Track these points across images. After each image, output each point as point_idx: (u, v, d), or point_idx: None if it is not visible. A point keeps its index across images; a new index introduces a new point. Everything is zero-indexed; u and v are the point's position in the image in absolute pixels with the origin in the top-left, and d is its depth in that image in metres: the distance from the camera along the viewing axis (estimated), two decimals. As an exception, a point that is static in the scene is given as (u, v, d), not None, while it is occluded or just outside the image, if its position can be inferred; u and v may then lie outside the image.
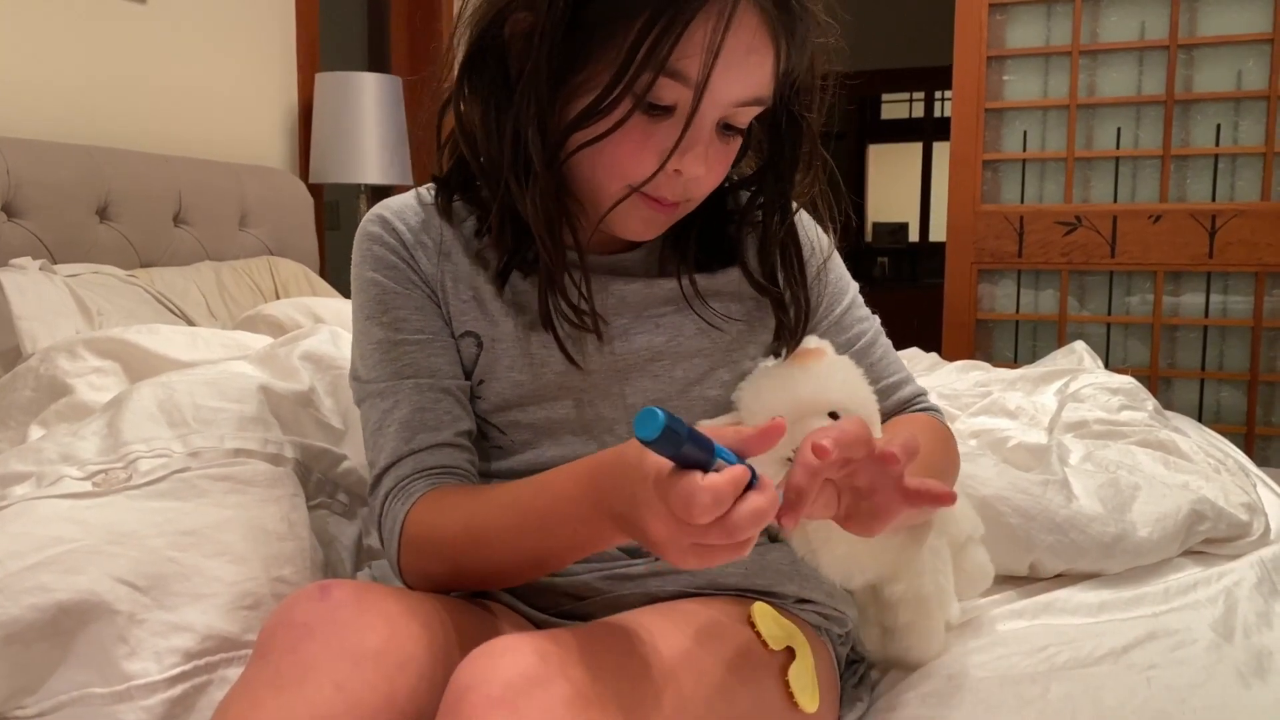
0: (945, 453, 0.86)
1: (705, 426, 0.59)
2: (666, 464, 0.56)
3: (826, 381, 0.80)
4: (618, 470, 0.63)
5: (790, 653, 0.74)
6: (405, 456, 0.78)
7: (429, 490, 0.77)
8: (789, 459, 0.77)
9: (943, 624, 0.87)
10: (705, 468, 0.56)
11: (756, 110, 0.76)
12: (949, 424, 0.92)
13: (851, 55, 0.80)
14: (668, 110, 0.72)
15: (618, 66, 0.70)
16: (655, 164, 0.73)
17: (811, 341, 0.83)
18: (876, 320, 0.93)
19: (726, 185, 0.84)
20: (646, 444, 0.53)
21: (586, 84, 0.72)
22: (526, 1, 0.72)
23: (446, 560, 0.75)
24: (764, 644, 0.73)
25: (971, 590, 0.93)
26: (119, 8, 2.02)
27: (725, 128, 0.76)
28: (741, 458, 0.58)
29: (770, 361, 0.85)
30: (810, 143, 0.82)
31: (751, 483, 0.57)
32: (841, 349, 0.87)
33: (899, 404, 0.91)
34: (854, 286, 0.92)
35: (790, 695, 0.72)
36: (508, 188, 0.76)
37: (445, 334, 0.82)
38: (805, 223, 0.89)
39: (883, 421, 0.86)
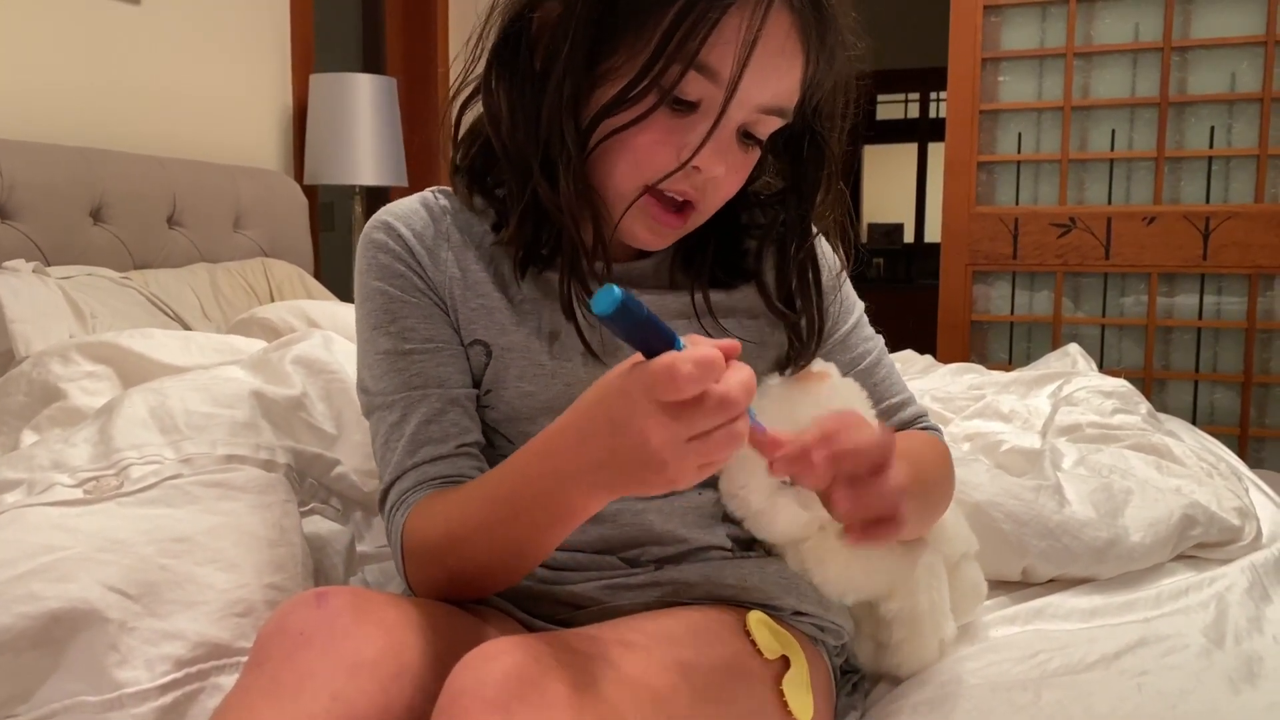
0: (940, 470, 0.85)
1: None
2: (639, 360, 0.56)
3: (826, 405, 0.79)
4: (579, 422, 0.61)
5: (785, 662, 0.74)
6: (409, 470, 0.78)
7: (416, 503, 0.77)
8: (785, 481, 0.77)
9: (936, 642, 0.86)
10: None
11: (778, 122, 0.76)
12: (945, 440, 0.92)
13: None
14: (692, 106, 0.72)
15: (646, 57, 0.70)
16: (673, 159, 0.73)
17: (817, 365, 0.83)
18: (881, 340, 0.92)
19: (743, 200, 0.84)
20: (604, 319, 0.52)
21: (615, 72, 0.72)
22: None
23: (439, 566, 0.74)
24: (759, 653, 0.73)
25: (966, 610, 0.92)
26: (113, 9, 2.02)
27: (745, 136, 0.75)
28: None
29: (775, 379, 0.84)
30: (831, 165, 0.82)
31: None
32: (846, 368, 0.87)
33: (900, 425, 0.89)
34: (860, 306, 0.92)
35: (785, 704, 0.72)
36: (533, 175, 0.75)
37: (454, 342, 0.81)
38: (820, 242, 0.88)
39: None
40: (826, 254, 0.88)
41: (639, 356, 0.57)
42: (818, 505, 0.77)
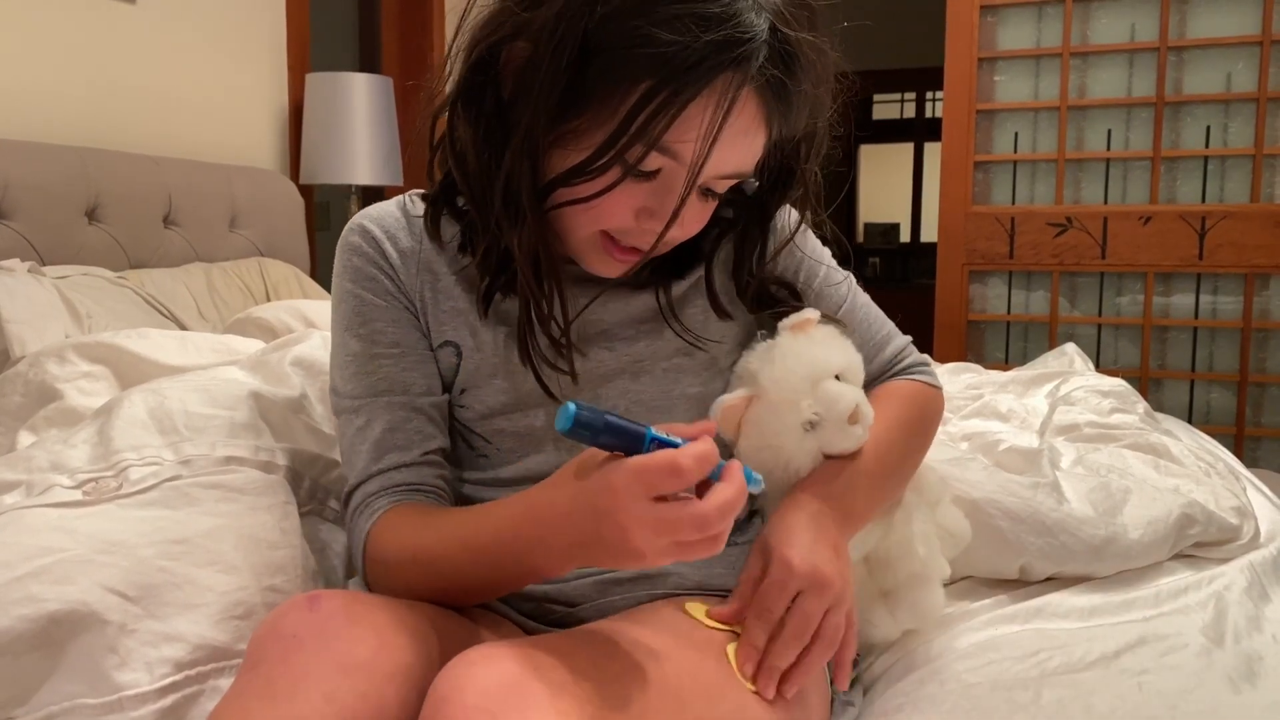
0: (912, 423, 0.88)
1: (673, 427, 0.63)
2: (618, 457, 0.60)
3: (830, 346, 0.84)
4: (562, 501, 0.64)
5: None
6: (374, 475, 0.79)
7: (388, 509, 0.78)
8: (811, 421, 0.80)
9: (940, 588, 0.90)
10: (634, 453, 0.60)
11: (736, 180, 0.77)
12: (931, 376, 0.95)
13: (843, 56, 0.80)
14: (652, 174, 0.73)
15: (611, 132, 0.69)
16: (630, 218, 0.74)
17: (808, 312, 0.85)
18: (851, 280, 0.93)
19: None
20: (568, 435, 0.58)
21: (577, 136, 0.72)
22: (530, 34, 0.71)
23: (399, 579, 0.76)
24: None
25: (954, 546, 0.96)
26: (108, 8, 2.01)
27: (705, 191, 0.76)
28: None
29: (782, 334, 0.85)
30: (800, 184, 0.83)
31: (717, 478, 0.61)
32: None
33: (882, 366, 0.92)
34: (826, 254, 0.93)
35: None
36: (496, 219, 0.76)
37: (421, 347, 0.83)
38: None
39: (869, 382, 0.89)
40: (780, 217, 0.88)
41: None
42: (834, 446, 0.81)
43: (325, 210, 3.07)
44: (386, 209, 0.86)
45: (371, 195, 2.92)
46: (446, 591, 0.74)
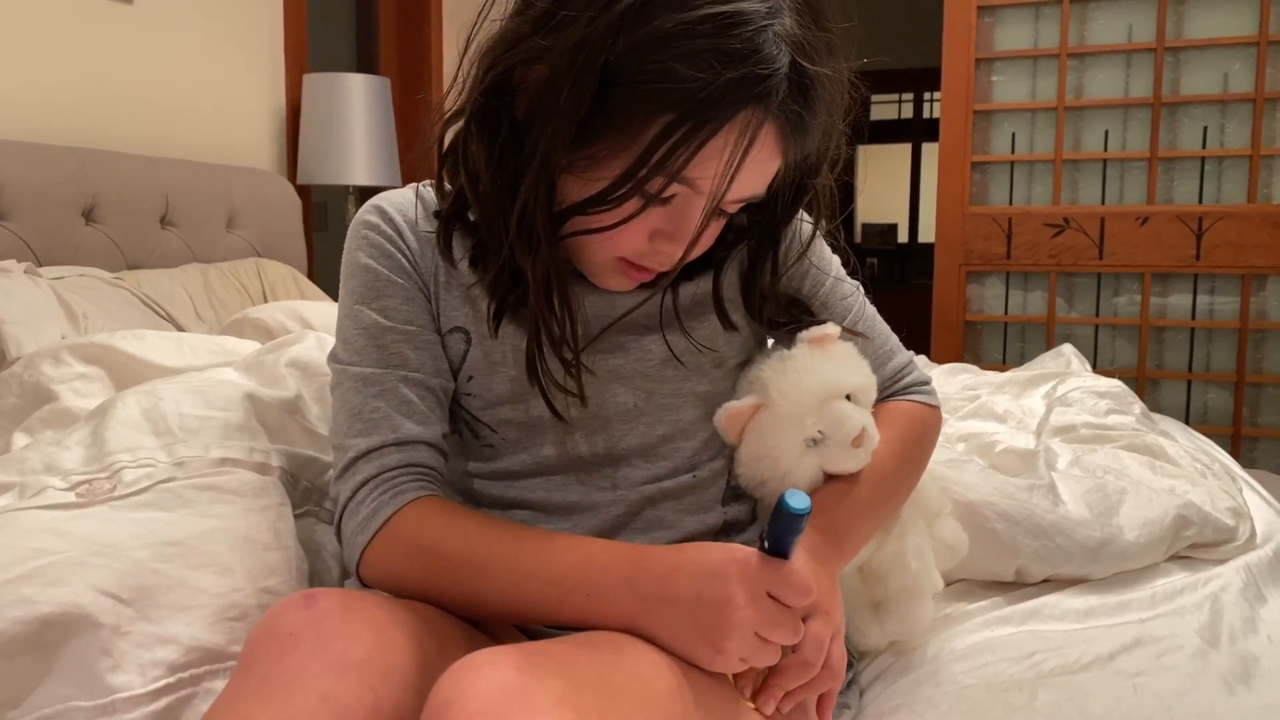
0: (908, 449, 0.88)
1: None
2: (757, 553, 0.66)
3: (846, 364, 0.84)
4: (672, 560, 0.68)
5: None
6: (390, 445, 0.78)
7: (426, 496, 0.77)
8: (814, 439, 0.80)
9: (931, 601, 0.90)
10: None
11: (748, 202, 0.77)
12: (930, 396, 0.94)
13: (843, 60, 0.80)
14: (667, 200, 0.73)
15: (630, 163, 0.69)
16: (644, 241, 0.75)
17: (829, 327, 0.85)
18: (860, 289, 0.93)
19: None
20: (794, 514, 0.63)
21: (593, 164, 0.71)
22: (549, 60, 0.70)
23: (429, 572, 0.74)
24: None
25: (951, 559, 0.95)
26: (105, 8, 2.01)
27: (718, 211, 0.76)
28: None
29: (799, 346, 0.85)
30: (812, 198, 0.83)
31: None
32: None
33: (881, 383, 0.91)
34: (835, 262, 0.93)
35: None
36: (510, 243, 0.76)
37: (431, 329, 0.82)
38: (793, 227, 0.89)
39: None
40: (791, 229, 0.88)
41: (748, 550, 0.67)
42: (835, 465, 0.82)
43: (323, 211, 3.06)
44: (403, 195, 0.86)
45: (369, 196, 2.92)
46: (471, 595, 0.73)
